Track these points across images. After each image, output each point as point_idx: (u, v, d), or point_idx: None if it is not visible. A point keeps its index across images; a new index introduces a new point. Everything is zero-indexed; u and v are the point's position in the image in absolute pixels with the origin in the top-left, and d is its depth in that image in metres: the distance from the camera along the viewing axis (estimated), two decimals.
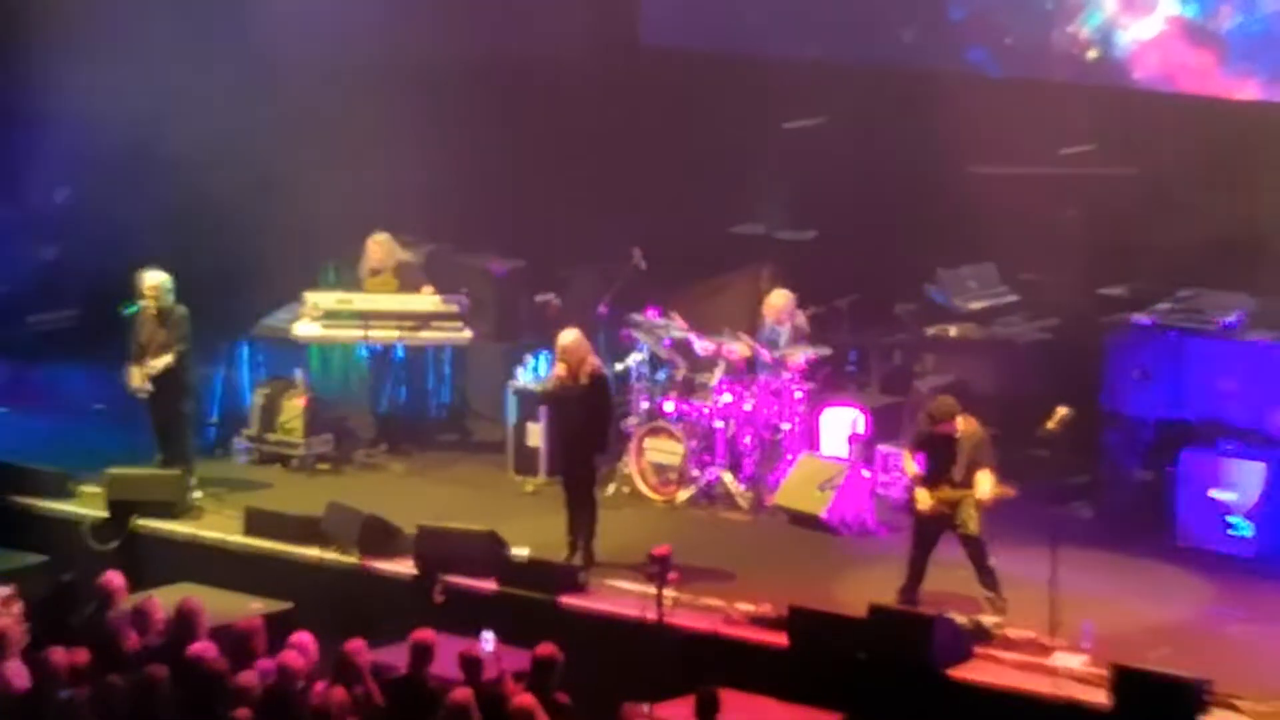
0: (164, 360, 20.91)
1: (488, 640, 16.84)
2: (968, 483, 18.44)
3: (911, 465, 18.76)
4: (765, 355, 21.23)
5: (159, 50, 22.45)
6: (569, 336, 20.12)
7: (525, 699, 15.56)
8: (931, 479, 18.56)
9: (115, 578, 17.69)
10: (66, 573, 18.72)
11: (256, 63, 22.86)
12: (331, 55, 22.80)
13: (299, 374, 22.42)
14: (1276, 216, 20.26)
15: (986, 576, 18.48)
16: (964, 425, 18.60)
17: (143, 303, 20.97)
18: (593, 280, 22.55)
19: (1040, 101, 21.93)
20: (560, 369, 20.09)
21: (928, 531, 18.64)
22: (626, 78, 23.16)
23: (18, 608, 17.22)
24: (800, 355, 21.21)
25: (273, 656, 16.31)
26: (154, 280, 21.00)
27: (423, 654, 16.42)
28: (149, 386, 20.99)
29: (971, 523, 18.46)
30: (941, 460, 18.55)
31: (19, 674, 16.02)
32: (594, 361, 20.21)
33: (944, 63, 22.47)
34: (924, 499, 18.48)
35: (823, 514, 20.50)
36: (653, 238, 22.29)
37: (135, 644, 16.84)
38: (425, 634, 16.52)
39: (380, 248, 22.61)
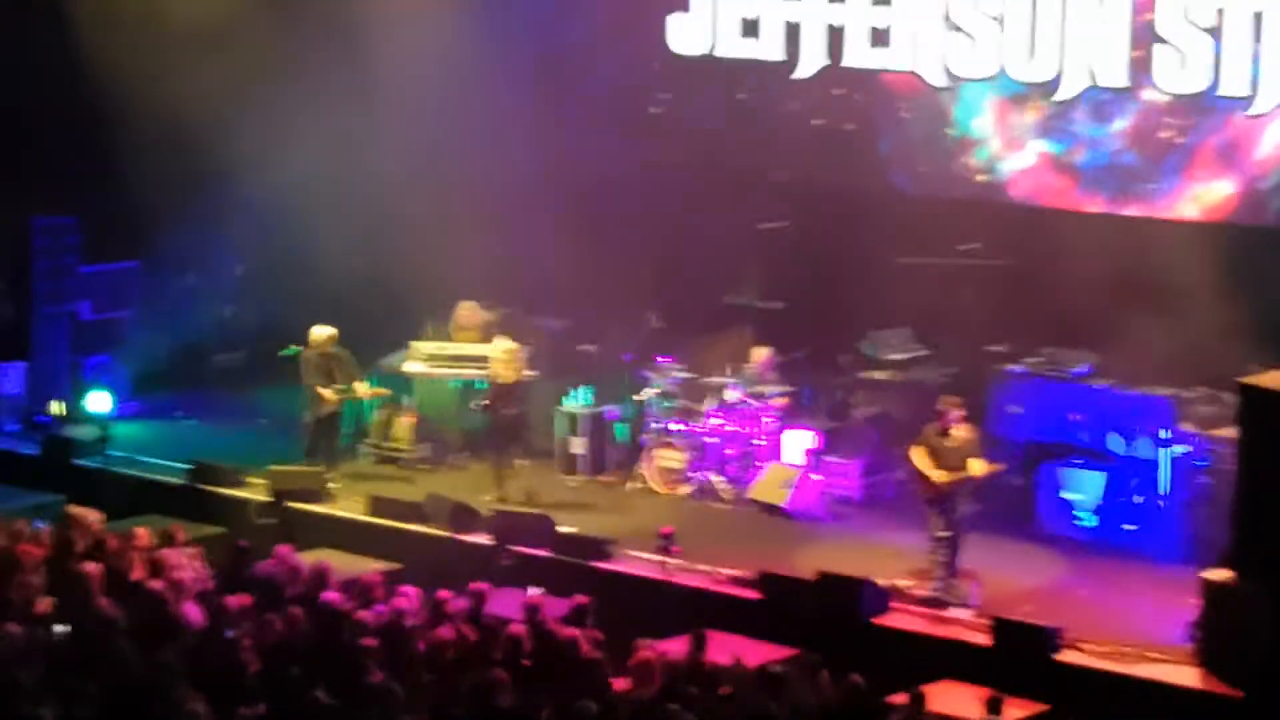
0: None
1: (534, 593, 16.79)
2: (961, 467, 17.84)
3: (922, 460, 17.95)
4: (738, 393, 21.06)
5: (311, 172, 22.37)
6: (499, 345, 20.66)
7: (571, 632, 15.51)
8: (936, 464, 17.89)
9: (285, 547, 17.70)
10: (239, 541, 18.60)
11: (388, 187, 22.80)
12: (445, 177, 22.72)
13: (407, 400, 22.34)
14: (1110, 295, 20.18)
15: (946, 558, 17.85)
16: (960, 422, 18.00)
17: (301, 347, 20.99)
18: (620, 335, 22.46)
19: (943, 212, 21.83)
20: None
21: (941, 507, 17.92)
22: (650, 191, 23.11)
23: (200, 562, 17.20)
24: (772, 392, 21.13)
25: (387, 602, 16.29)
26: (323, 333, 21.13)
27: (479, 598, 16.37)
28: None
29: (955, 512, 17.97)
30: (942, 450, 17.92)
31: (194, 613, 15.92)
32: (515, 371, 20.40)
33: (875, 184, 22.41)
34: (940, 476, 17.78)
35: (785, 505, 20.39)
36: (665, 305, 22.27)
37: (286, 593, 16.80)
38: (480, 585, 16.47)
39: (467, 312, 22.58)
